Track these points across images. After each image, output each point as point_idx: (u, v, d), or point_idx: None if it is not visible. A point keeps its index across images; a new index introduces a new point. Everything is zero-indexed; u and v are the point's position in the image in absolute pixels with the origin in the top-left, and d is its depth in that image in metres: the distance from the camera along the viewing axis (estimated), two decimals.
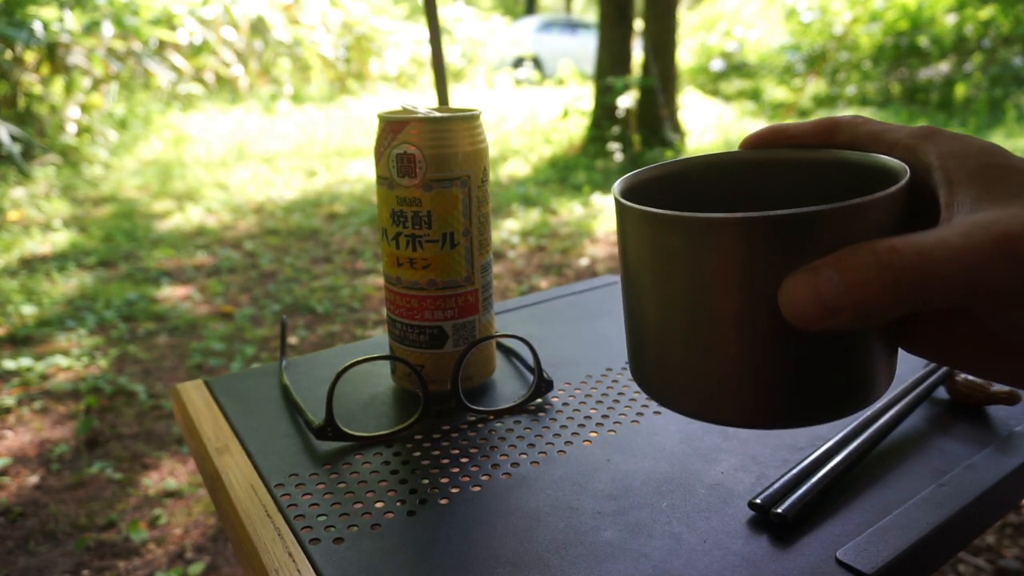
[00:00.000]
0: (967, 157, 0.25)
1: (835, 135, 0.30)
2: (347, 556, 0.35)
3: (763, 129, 0.32)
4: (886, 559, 0.34)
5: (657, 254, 0.26)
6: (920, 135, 0.27)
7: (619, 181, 0.30)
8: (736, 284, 0.24)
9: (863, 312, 0.22)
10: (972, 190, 0.24)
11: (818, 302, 0.22)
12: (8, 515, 1.38)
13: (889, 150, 0.28)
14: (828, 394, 0.25)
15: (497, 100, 7.18)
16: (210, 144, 5.34)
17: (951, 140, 0.26)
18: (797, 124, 0.31)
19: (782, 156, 0.32)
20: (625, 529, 0.37)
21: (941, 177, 0.25)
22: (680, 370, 0.27)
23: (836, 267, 0.22)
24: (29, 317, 2.29)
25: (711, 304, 0.25)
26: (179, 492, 1.46)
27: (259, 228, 3.36)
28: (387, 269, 0.49)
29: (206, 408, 0.51)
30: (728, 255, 0.24)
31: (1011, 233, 0.21)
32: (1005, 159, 0.24)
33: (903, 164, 0.26)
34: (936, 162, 0.26)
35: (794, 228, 0.23)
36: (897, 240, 0.22)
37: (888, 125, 0.29)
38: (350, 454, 0.44)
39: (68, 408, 1.77)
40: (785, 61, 7.78)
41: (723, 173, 0.33)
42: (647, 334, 0.28)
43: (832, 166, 0.30)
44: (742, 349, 0.25)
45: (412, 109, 0.48)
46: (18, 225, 3.28)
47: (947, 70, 6.73)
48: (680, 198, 0.32)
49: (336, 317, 2.32)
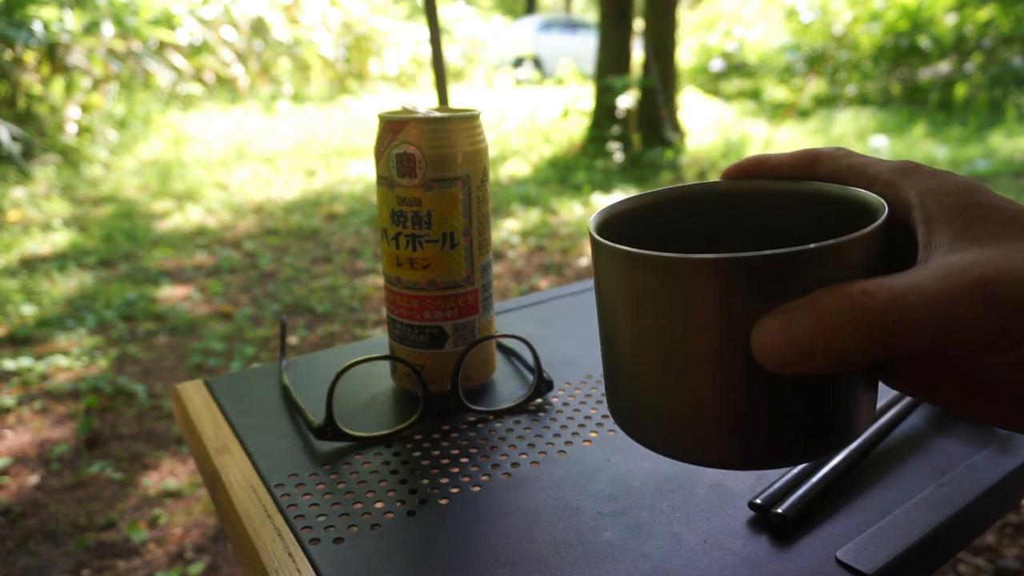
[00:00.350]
0: (947, 195, 0.25)
1: (816, 167, 0.30)
2: (347, 556, 0.35)
3: (744, 160, 0.32)
4: (886, 559, 0.34)
5: (630, 292, 0.25)
6: (901, 171, 0.27)
7: (595, 215, 0.30)
8: (709, 325, 0.24)
9: (836, 357, 0.21)
10: (950, 229, 0.23)
11: (790, 345, 0.22)
12: (8, 515, 1.38)
13: (869, 185, 0.28)
14: (804, 436, 0.25)
15: (497, 100, 7.18)
16: (210, 144, 5.34)
17: (931, 177, 0.26)
18: (778, 155, 0.31)
19: (762, 187, 0.32)
20: (625, 529, 0.37)
21: (920, 215, 0.25)
22: (653, 409, 0.26)
23: (809, 310, 0.22)
24: (29, 317, 2.29)
25: (684, 345, 0.24)
26: (179, 492, 1.46)
27: (259, 228, 3.36)
28: (387, 269, 0.49)
29: (206, 408, 0.51)
30: (701, 296, 0.23)
31: (987, 278, 0.21)
32: (985, 197, 0.24)
33: (882, 200, 0.26)
34: (915, 199, 0.25)
35: (768, 270, 0.23)
36: (871, 283, 0.21)
37: (869, 159, 0.29)
38: (350, 454, 0.44)
39: (68, 408, 1.77)
40: (785, 61, 7.78)
41: (702, 204, 0.33)
42: (621, 371, 0.27)
43: (812, 199, 0.30)
44: (715, 391, 0.25)
45: (412, 109, 0.48)
46: (18, 225, 3.28)
47: (947, 70, 6.73)
48: (658, 230, 0.32)
49: (336, 317, 2.32)
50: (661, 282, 0.24)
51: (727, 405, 0.25)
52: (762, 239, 0.32)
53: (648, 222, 0.32)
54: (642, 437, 0.28)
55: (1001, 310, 0.20)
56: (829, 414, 0.25)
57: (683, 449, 0.26)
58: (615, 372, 0.28)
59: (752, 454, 0.25)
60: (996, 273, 0.21)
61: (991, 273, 0.21)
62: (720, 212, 0.33)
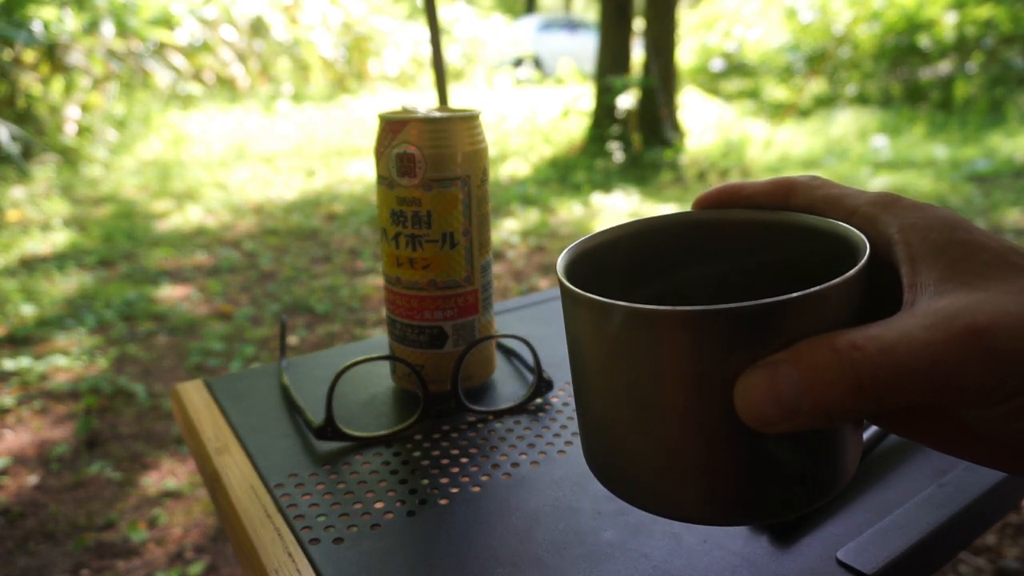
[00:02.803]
0: (930, 231, 0.24)
1: (791, 197, 0.29)
2: (347, 556, 0.35)
3: (717, 188, 0.31)
4: (886, 559, 0.34)
5: (603, 344, 0.24)
6: (880, 204, 0.26)
7: (563, 255, 0.28)
8: (684, 379, 0.23)
9: (822, 414, 0.20)
10: (935, 269, 0.22)
11: (775, 403, 0.21)
12: (8, 515, 1.38)
13: (847, 217, 0.27)
14: (789, 491, 0.24)
15: (497, 100, 7.18)
16: (210, 144, 5.34)
17: (912, 210, 0.25)
18: (753, 183, 0.30)
19: (736, 218, 0.30)
20: (625, 529, 0.37)
21: (903, 253, 0.24)
22: (628, 462, 0.25)
23: (794, 365, 0.21)
24: (28, 317, 2.29)
25: (659, 400, 0.23)
26: (179, 492, 1.46)
27: (259, 228, 3.36)
28: (387, 269, 0.49)
29: (206, 408, 0.51)
30: (675, 350, 0.22)
31: (978, 327, 0.20)
32: (969, 233, 0.23)
33: (862, 237, 0.25)
34: (897, 236, 0.24)
35: (747, 322, 0.21)
36: (858, 335, 0.20)
37: (846, 189, 0.28)
38: (350, 454, 0.44)
39: (67, 408, 1.77)
40: (785, 61, 7.78)
41: (674, 236, 0.31)
42: (595, 423, 0.26)
43: (788, 230, 0.29)
44: (692, 447, 0.23)
45: (412, 109, 0.48)
46: (17, 225, 3.28)
47: (947, 70, 6.73)
48: (629, 265, 0.31)
49: (336, 317, 2.32)
50: (634, 335, 0.23)
51: (705, 462, 0.24)
52: (737, 273, 0.31)
53: (618, 257, 0.31)
54: (618, 490, 0.26)
55: (994, 361, 0.19)
56: (814, 467, 0.24)
57: (660, 505, 0.25)
58: (588, 422, 0.27)
59: (732, 511, 0.24)
60: (988, 321, 0.20)
61: (983, 321, 0.20)
62: (692, 244, 0.31)
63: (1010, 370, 0.19)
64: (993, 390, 0.20)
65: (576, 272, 0.28)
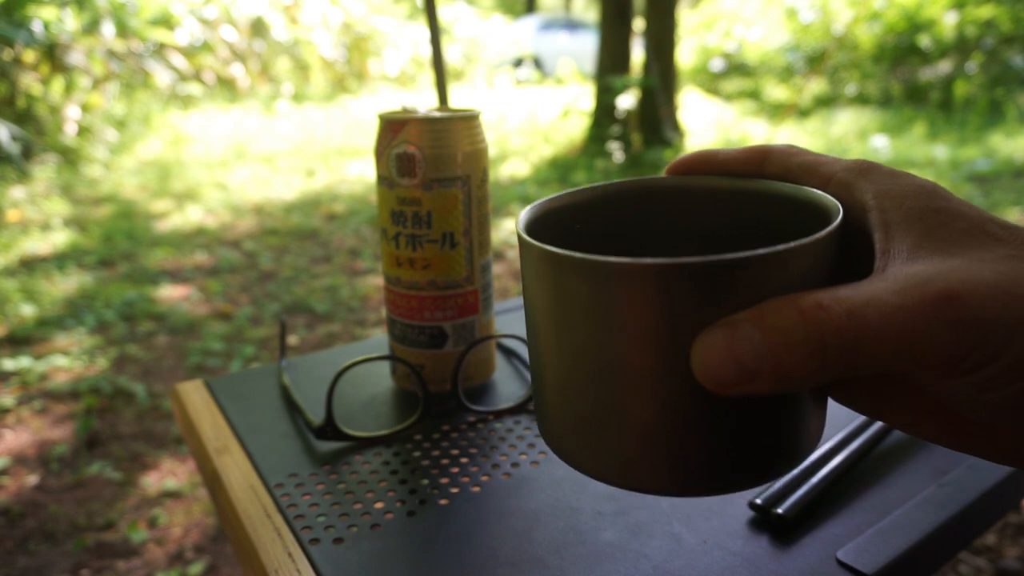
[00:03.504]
0: (906, 198, 0.23)
1: (766, 164, 0.28)
2: (347, 556, 0.35)
3: (691, 154, 0.30)
4: (887, 559, 0.34)
5: (560, 300, 0.23)
6: (856, 171, 0.25)
7: (527, 210, 0.27)
8: (643, 337, 0.21)
9: (785, 377, 0.19)
10: (910, 236, 0.22)
11: (735, 364, 0.20)
12: (7, 515, 1.38)
13: (823, 185, 0.26)
14: (750, 460, 0.23)
15: (497, 100, 7.18)
16: (209, 144, 5.34)
17: (889, 178, 0.24)
18: (727, 150, 0.29)
19: (709, 185, 0.30)
20: (625, 529, 0.37)
21: (877, 219, 0.23)
22: (586, 430, 0.24)
23: (757, 324, 0.20)
24: (28, 317, 2.29)
25: (617, 360, 0.22)
26: (179, 492, 1.46)
27: (258, 228, 3.36)
28: (387, 269, 0.49)
29: (206, 408, 0.51)
30: (635, 305, 0.21)
31: (951, 292, 0.19)
32: (946, 201, 0.22)
33: (836, 202, 0.24)
34: (872, 202, 0.24)
35: (711, 277, 0.20)
36: (825, 296, 0.19)
37: (822, 157, 0.27)
38: (350, 454, 0.44)
39: (67, 408, 1.77)
40: (785, 61, 7.78)
41: (645, 201, 0.30)
42: (550, 387, 0.25)
43: (762, 198, 0.28)
44: (652, 411, 0.22)
45: (412, 109, 0.48)
46: (17, 225, 3.28)
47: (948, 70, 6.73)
48: (596, 229, 0.30)
49: (336, 317, 2.32)
50: (592, 289, 0.22)
51: (667, 428, 0.22)
52: (707, 241, 0.30)
53: (585, 220, 0.30)
54: (576, 462, 0.25)
55: (966, 328, 0.19)
56: (779, 434, 0.23)
57: (615, 474, 0.24)
58: (545, 390, 0.26)
59: (696, 481, 0.23)
60: (960, 287, 0.19)
61: (955, 287, 0.19)
62: (663, 210, 0.30)
63: (981, 338, 0.19)
64: (963, 358, 0.19)
65: (538, 230, 0.27)
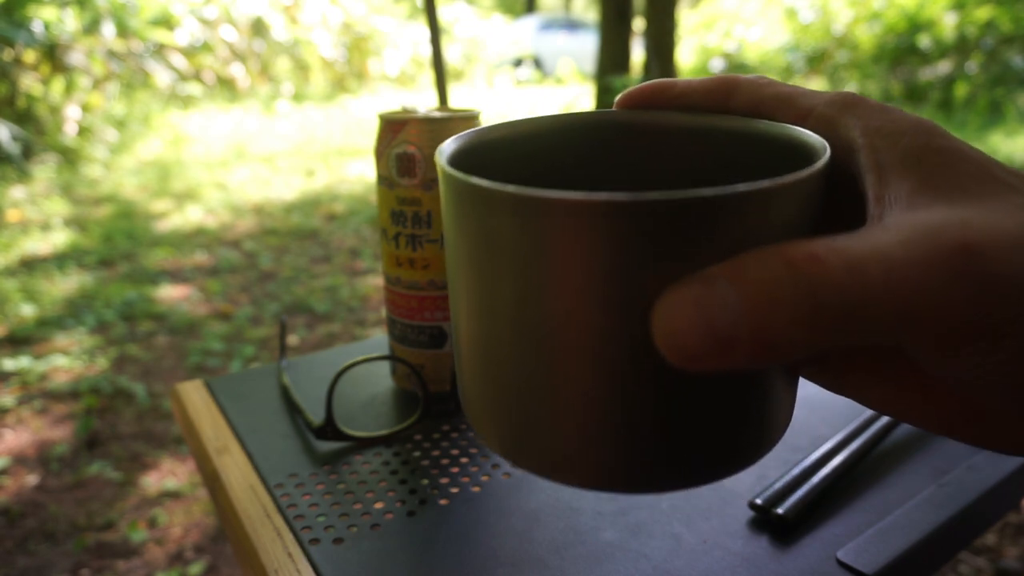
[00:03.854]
0: (900, 135, 0.19)
1: (733, 97, 0.24)
2: (347, 556, 0.35)
3: (645, 84, 0.26)
4: (887, 559, 0.34)
5: (484, 247, 0.18)
6: (840, 104, 0.21)
7: (451, 139, 0.23)
8: (589, 295, 0.17)
9: (767, 347, 0.15)
10: (908, 179, 0.18)
11: (706, 331, 0.15)
12: (7, 515, 1.38)
13: (801, 120, 0.22)
14: (710, 451, 0.19)
15: (497, 100, 7.18)
16: (209, 144, 5.34)
17: (879, 113, 0.20)
18: (687, 81, 0.25)
19: (666, 121, 0.25)
20: (625, 529, 0.37)
21: (869, 159, 0.19)
22: (508, 406, 0.20)
23: (734, 280, 0.15)
24: (28, 317, 2.29)
25: (553, 322, 0.18)
26: (179, 492, 1.46)
27: (258, 228, 3.36)
28: (387, 269, 0.49)
29: (206, 408, 0.51)
30: (579, 254, 0.17)
31: (969, 243, 0.16)
32: (946, 140, 0.19)
33: (821, 139, 0.20)
34: (862, 140, 0.20)
35: (675, 219, 0.16)
36: (819, 245, 0.16)
37: (799, 89, 0.23)
38: (350, 454, 0.44)
39: (67, 408, 1.77)
40: (785, 61, 7.78)
41: (592, 138, 0.26)
42: (470, 355, 0.21)
43: (728, 136, 0.24)
44: (597, 388, 0.18)
45: (412, 109, 0.48)
46: (17, 225, 3.28)
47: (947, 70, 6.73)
48: (535, 169, 0.25)
49: (336, 317, 2.32)
50: (525, 233, 0.17)
51: (614, 410, 0.18)
52: (665, 186, 0.26)
53: (522, 158, 0.25)
54: (499, 447, 0.21)
55: (988, 287, 0.15)
56: (746, 420, 0.19)
57: (552, 467, 0.20)
58: (465, 357, 0.21)
59: (646, 474, 0.19)
60: (981, 239, 0.16)
61: (974, 238, 0.16)
62: (614, 150, 0.26)
63: (1004, 300, 0.15)
64: (978, 325, 0.16)
65: (464, 165, 0.23)
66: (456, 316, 0.21)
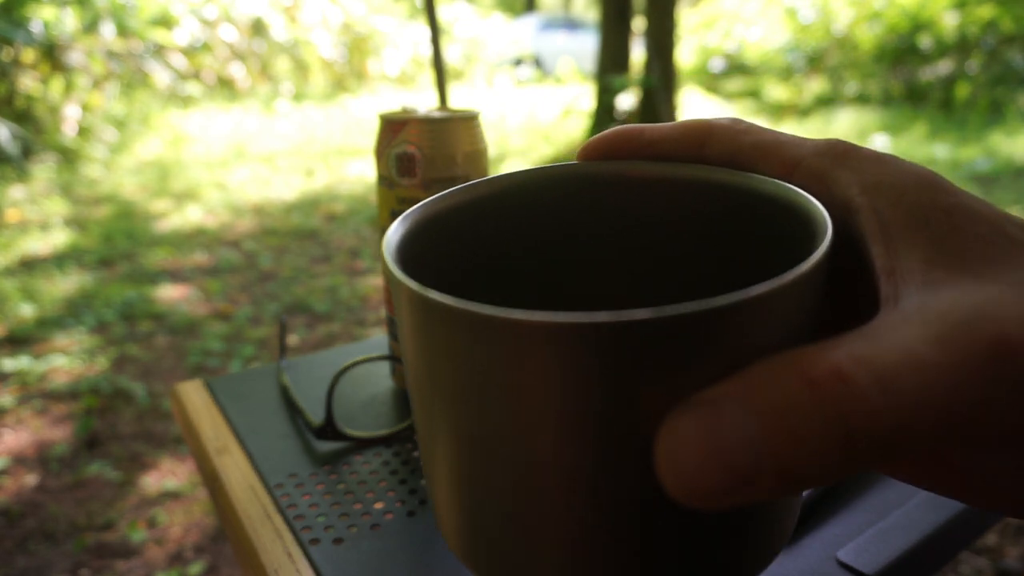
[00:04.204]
0: (902, 191, 0.17)
1: (708, 145, 0.22)
2: (346, 556, 0.35)
3: (610, 132, 0.23)
4: (887, 560, 0.34)
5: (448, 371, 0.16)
6: (831, 155, 0.19)
7: (400, 220, 0.20)
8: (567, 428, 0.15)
9: (793, 481, 0.13)
10: (917, 247, 0.16)
11: (723, 467, 0.13)
12: (7, 515, 1.38)
13: (786, 173, 0.20)
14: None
15: (497, 99, 7.18)
16: (209, 144, 5.34)
17: (875, 165, 0.18)
18: (656, 128, 0.23)
19: (634, 172, 0.23)
20: None
21: (870, 224, 0.17)
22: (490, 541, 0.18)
23: (747, 404, 0.13)
24: (28, 317, 2.29)
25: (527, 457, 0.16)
26: (178, 492, 1.46)
27: (258, 228, 3.36)
28: None
29: (205, 408, 0.50)
30: (555, 383, 0.14)
31: (1007, 339, 0.13)
32: (953, 196, 0.17)
33: (820, 208, 0.18)
34: (860, 199, 0.18)
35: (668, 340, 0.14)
36: (841, 356, 0.13)
37: (782, 136, 0.21)
38: (350, 454, 0.44)
39: (67, 408, 1.77)
40: (785, 61, 7.79)
41: (559, 196, 0.23)
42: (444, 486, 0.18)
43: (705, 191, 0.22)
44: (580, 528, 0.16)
45: (412, 109, 0.48)
46: (17, 225, 3.28)
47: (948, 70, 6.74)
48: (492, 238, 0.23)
49: (336, 317, 2.32)
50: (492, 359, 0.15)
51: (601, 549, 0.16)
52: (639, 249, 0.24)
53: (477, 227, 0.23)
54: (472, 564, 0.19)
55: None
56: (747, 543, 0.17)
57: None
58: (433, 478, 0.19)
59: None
60: (1017, 332, 0.14)
61: (1011, 332, 0.13)
62: (583, 207, 0.24)
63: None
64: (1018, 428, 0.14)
65: (417, 250, 0.20)
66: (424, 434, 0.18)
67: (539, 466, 0.16)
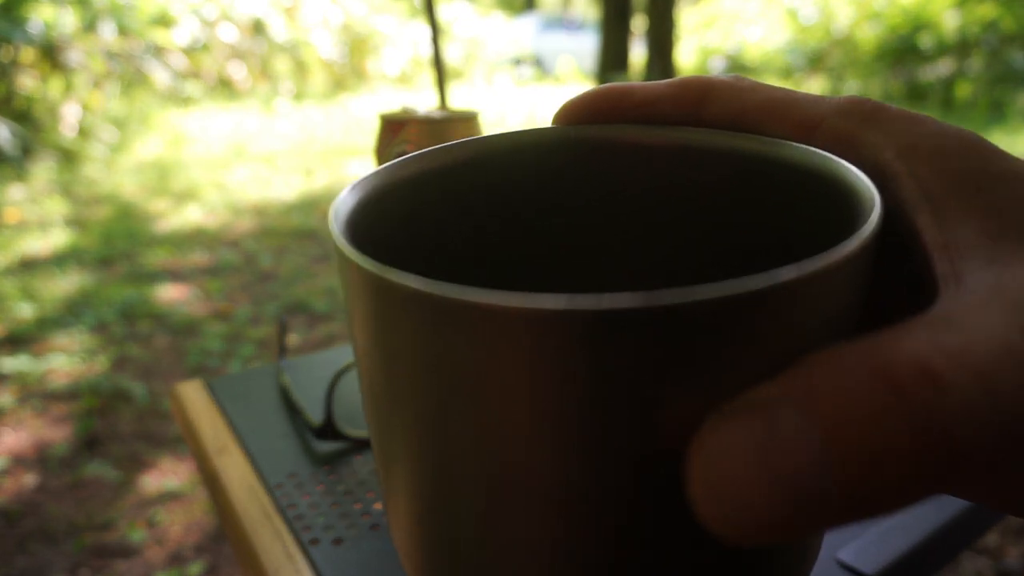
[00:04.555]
0: (946, 156, 0.15)
1: (705, 106, 0.18)
2: (346, 557, 0.35)
3: (593, 91, 0.20)
4: (888, 560, 0.34)
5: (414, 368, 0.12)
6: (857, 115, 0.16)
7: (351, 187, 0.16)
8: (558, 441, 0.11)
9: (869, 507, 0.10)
10: (972, 218, 0.14)
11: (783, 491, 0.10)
12: (7, 515, 1.38)
13: (804, 135, 0.17)
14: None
15: (497, 99, 7.18)
16: (209, 143, 5.34)
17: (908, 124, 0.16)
18: (647, 86, 0.19)
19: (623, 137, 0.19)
20: None
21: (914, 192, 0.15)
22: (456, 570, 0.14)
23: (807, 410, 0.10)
24: (28, 317, 2.29)
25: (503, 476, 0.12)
26: (178, 492, 1.46)
27: (258, 228, 3.36)
28: None
29: (205, 409, 0.50)
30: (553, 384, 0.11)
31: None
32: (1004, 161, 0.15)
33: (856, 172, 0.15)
34: (898, 165, 0.15)
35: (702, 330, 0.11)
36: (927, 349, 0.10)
37: (794, 94, 0.17)
38: (349, 454, 0.44)
39: (67, 408, 1.77)
40: (785, 61, 7.79)
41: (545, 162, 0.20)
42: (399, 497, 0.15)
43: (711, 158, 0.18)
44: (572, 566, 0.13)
45: (412, 109, 0.48)
46: (17, 225, 3.28)
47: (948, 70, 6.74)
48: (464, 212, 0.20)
49: (336, 317, 2.32)
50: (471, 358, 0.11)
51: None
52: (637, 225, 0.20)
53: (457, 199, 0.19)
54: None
55: None
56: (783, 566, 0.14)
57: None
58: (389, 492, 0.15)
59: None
60: None
61: None
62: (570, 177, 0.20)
63: None
64: None
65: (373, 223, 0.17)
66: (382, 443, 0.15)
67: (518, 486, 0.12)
